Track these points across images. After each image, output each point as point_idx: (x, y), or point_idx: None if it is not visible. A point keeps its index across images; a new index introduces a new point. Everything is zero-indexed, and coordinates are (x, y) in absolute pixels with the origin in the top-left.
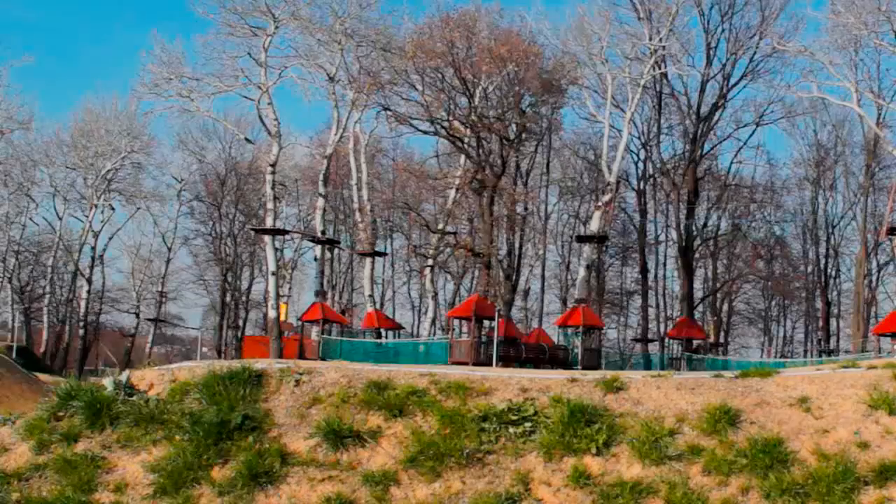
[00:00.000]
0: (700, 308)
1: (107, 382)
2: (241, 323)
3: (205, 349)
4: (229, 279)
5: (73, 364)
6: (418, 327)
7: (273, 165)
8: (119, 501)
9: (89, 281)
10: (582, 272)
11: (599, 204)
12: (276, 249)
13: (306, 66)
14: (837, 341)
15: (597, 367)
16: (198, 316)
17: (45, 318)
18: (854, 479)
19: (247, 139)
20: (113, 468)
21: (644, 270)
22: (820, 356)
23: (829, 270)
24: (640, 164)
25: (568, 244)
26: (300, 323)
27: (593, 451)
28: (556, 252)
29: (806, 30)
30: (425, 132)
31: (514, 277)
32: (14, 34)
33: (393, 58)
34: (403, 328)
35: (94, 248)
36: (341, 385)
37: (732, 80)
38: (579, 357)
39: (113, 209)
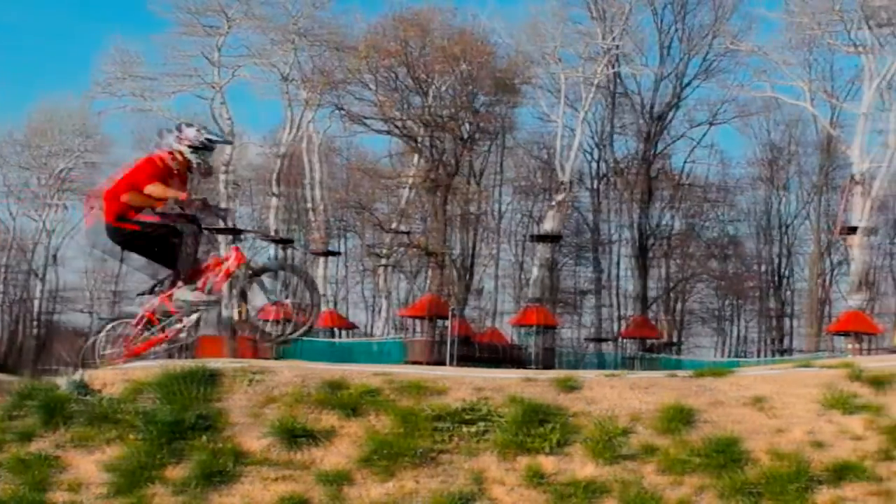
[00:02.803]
0: (654, 307)
1: (61, 382)
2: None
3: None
4: None
5: (28, 363)
6: (372, 327)
7: (227, 165)
8: (74, 501)
9: (43, 280)
10: (536, 271)
11: (553, 203)
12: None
13: (260, 66)
14: (791, 341)
15: (551, 366)
16: None
17: None
18: (808, 478)
19: None
20: (68, 467)
21: (598, 269)
22: (774, 356)
23: (782, 270)
24: (594, 164)
25: (522, 243)
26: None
27: (547, 450)
28: (510, 251)
29: (759, 29)
30: (379, 131)
31: (468, 277)
32: None
33: (346, 57)
34: (357, 327)
35: (47, 248)
36: (296, 384)
37: (686, 80)
38: (534, 356)
39: (67, 208)
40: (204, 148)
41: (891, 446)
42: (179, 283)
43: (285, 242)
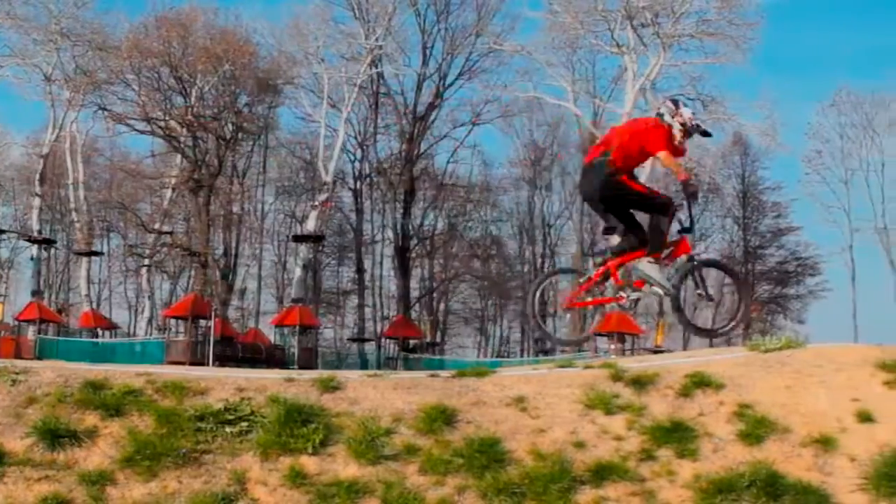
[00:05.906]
0: (416, 307)
1: None
2: None
3: None
4: None
5: None
6: (135, 327)
7: None
8: None
9: None
10: (298, 272)
11: (316, 203)
12: None
13: (22, 66)
14: None
15: (313, 366)
16: None
17: None
18: (570, 478)
19: None
20: None
21: (360, 270)
22: (537, 356)
23: (545, 270)
24: (357, 164)
25: (285, 243)
26: (16, 322)
27: (309, 450)
28: (272, 251)
29: (523, 29)
30: (141, 132)
31: (230, 277)
32: None
33: (109, 57)
34: (120, 328)
35: None
36: (58, 384)
37: (449, 80)
38: (296, 356)
39: None
40: (691, 132)
41: (652, 446)
42: (648, 258)
43: (47, 242)
